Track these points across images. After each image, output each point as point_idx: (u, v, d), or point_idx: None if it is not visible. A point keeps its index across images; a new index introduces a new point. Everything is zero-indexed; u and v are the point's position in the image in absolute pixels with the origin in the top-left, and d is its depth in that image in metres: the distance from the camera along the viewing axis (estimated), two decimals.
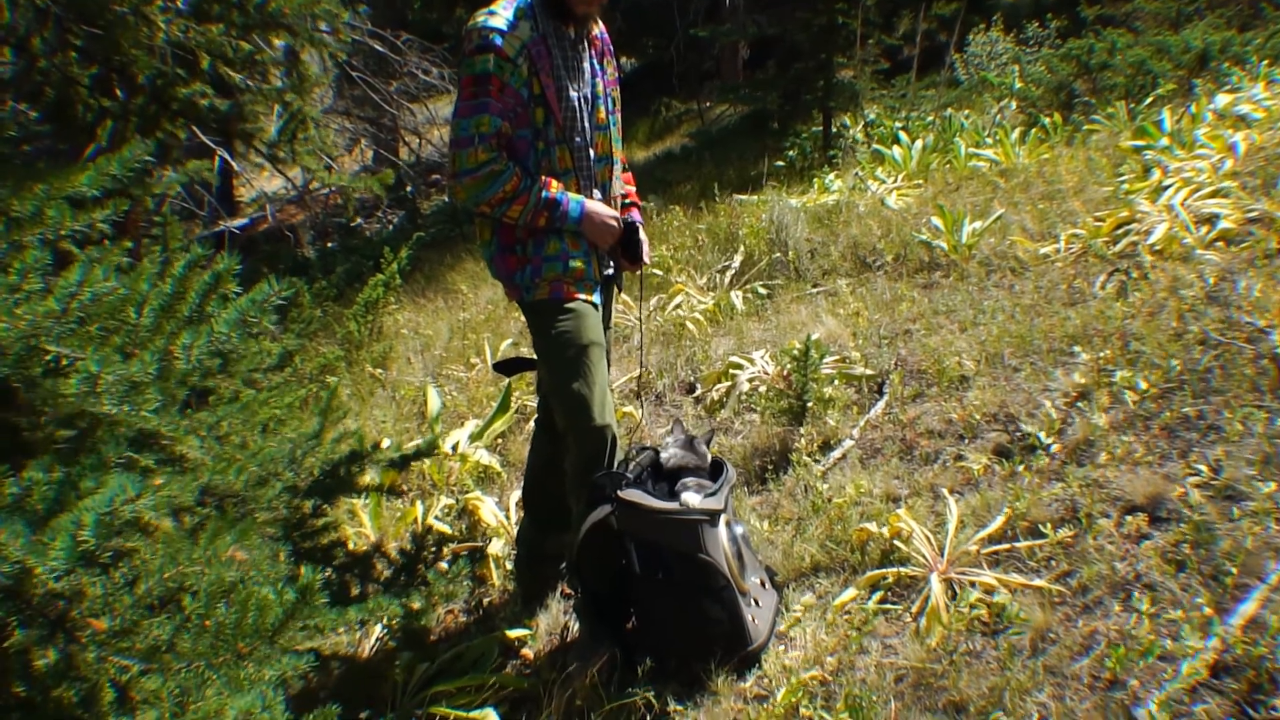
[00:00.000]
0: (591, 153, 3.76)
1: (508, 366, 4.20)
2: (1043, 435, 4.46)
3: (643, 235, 3.95)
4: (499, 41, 3.42)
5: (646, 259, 3.98)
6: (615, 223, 3.78)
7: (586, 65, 3.73)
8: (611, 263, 3.96)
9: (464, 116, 3.47)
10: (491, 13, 3.46)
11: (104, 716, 2.00)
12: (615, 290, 4.13)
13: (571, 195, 3.65)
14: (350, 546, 4.50)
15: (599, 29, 3.82)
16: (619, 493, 3.56)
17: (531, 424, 4.82)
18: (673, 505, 3.54)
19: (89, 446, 2.27)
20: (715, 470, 3.81)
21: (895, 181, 10.45)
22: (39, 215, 2.29)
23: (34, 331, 2.13)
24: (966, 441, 4.76)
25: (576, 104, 3.66)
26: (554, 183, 3.60)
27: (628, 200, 4.06)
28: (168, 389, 2.38)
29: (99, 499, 1.94)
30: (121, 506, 1.96)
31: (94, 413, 2.22)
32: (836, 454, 4.99)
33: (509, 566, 4.62)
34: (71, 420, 2.28)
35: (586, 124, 3.72)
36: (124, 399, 2.22)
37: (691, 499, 3.58)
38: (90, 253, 2.53)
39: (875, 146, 12.66)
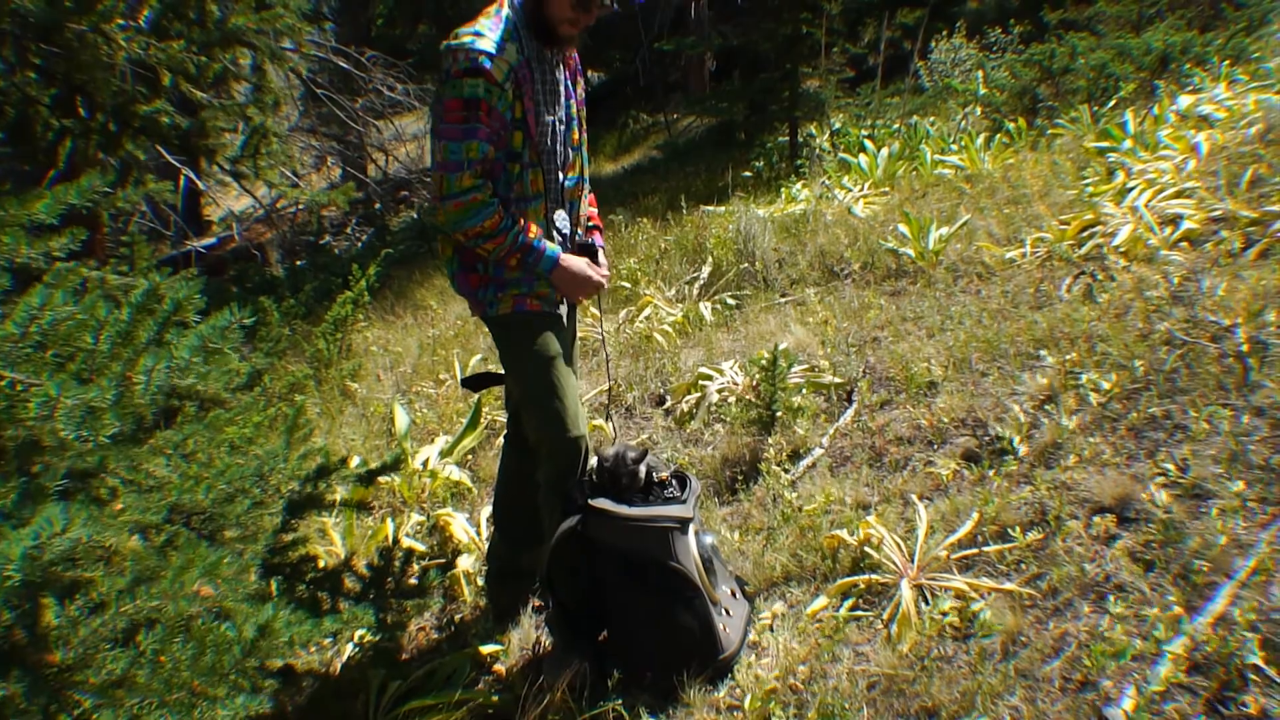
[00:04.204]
0: (562, 175, 3.73)
1: (475, 382, 4.18)
2: (1011, 439, 4.47)
3: (603, 259, 3.93)
4: (488, 65, 3.33)
5: (605, 284, 3.95)
6: (590, 279, 3.72)
7: (562, 88, 3.69)
8: None
9: (452, 140, 3.39)
10: (478, 33, 3.37)
11: None
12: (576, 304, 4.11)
13: (549, 244, 3.61)
14: (320, 564, 4.48)
15: (572, 49, 3.79)
16: (589, 501, 3.55)
17: (501, 439, 4.80)
18: (642, 512, 3.53)
19: (34, 474, 2.23)
20: (679, 482, 3.79)
21: (862, 190, 10.48)
22: None
23: None
24: (935, 447, 4.76)
25: (552, 127, 3.63)
26: (533, 227, 3.56)
27: (591, 223, 4.05)
28: (126, 415, 2.35)
29: (25, 532, 1.90)
30: (49, 540, 1.92)
31: (48, 444, 2.19)
32: (806, 463, 4.99)
33: (480, 582, 4.60)
34: (24, 451, 2.25)
35: (560, 146, 3.69)
36: (81, 424, 2.19)
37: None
38: (48, 278, 2.50)
39: (841, 155, 12.70)
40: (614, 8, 3.51)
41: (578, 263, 3.69)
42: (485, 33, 3.37)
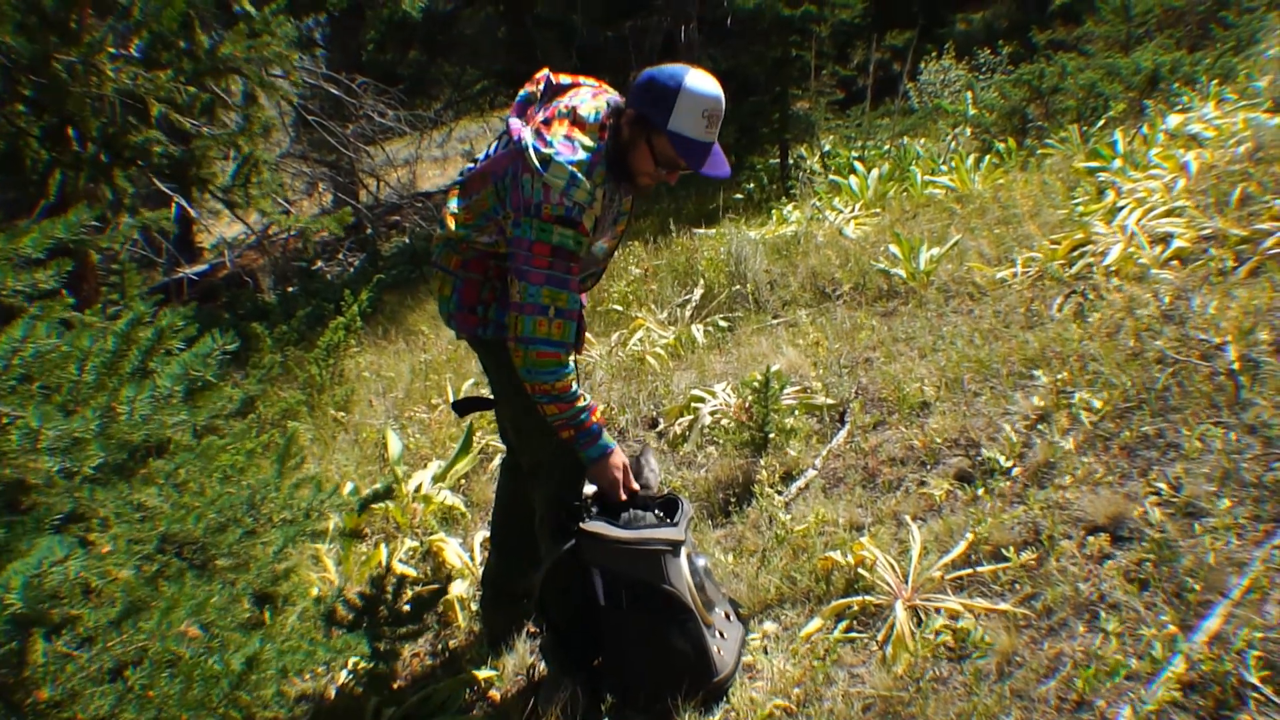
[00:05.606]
0: (584, 298, 3.78)
1: (464, 406, 4.15)
2: (1003, 459, 4.47)
3: (652, 470, 3.94)
4: (582, 217, 3.29)
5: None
6: (620, 488, 3.64)
7: (621, 214, 3.70)
8: None
9: (537, 284, 3.29)
10: (575, 180, 3.25)
11: None
12: None
13: (606, 435, 3.56)
14: (314, 592, 4.47)
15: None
16: (581, 524, 3.54)
17: (495, 464, 4.79)
18: (634, 535, 3.52)
19: (25, 510, 2.23)
20: (670, 506, 3.77)
21: (852, 211, 10.49)
22: None
23: None
24: (928, 468, 4.76)
25: (597, 254, 3.66)
26: (598, 410, 3.52)
27: None
28: (111, 445, 2.34)
29: (28, 561, 1.90)
30: (50, 569, 1.91)
31: (32, 483, 2.19)
32: (799, 484, 4.98)
33: (474, 608, 4.58)
34: (11, 490, 2.24)
35: (595, 266, 3.76)
36: (65, 454, 2.18)
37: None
38: (33, 310, 2.50)
39: (832, 177, 12.74)
40: (692, 170, 3.46)
41: (621, 459, 3.63)
42: (582, 181, 3.27)
